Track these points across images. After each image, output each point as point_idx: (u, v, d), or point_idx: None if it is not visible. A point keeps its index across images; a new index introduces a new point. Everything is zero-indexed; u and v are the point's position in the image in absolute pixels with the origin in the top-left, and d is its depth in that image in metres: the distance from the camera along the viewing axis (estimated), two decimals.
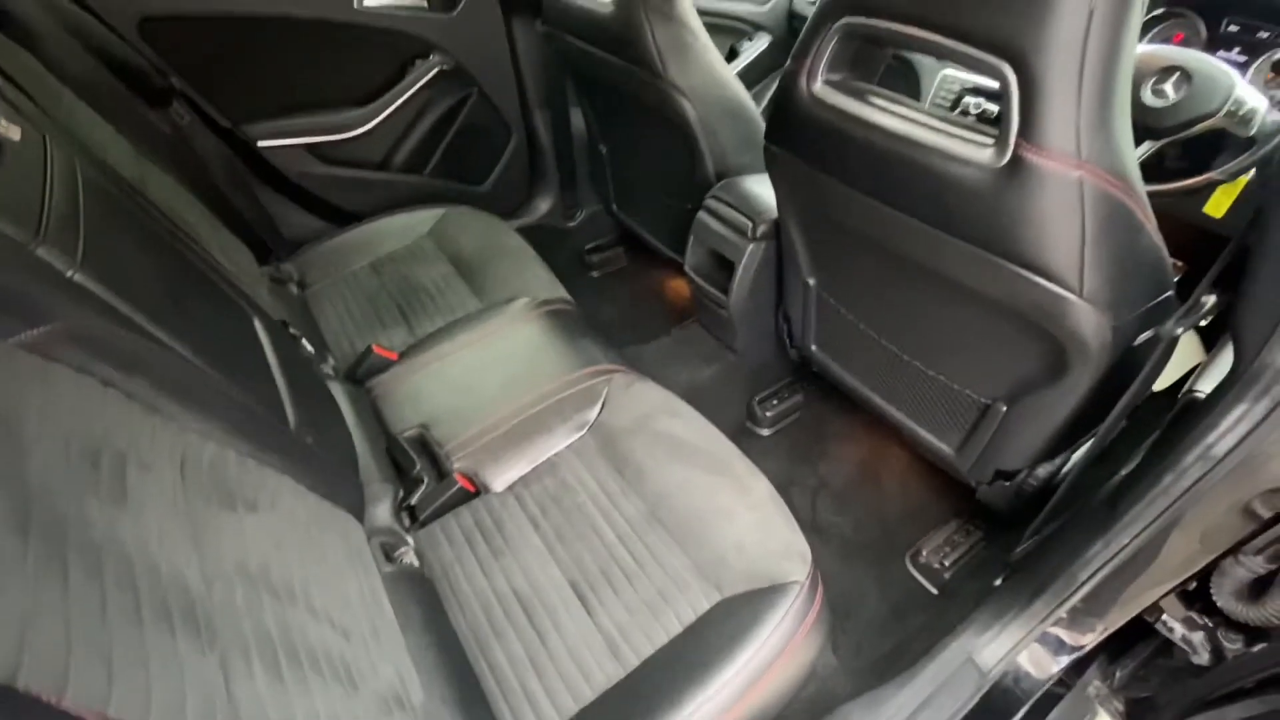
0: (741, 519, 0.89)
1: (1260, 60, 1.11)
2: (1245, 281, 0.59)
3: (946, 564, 1.22)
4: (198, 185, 1.21)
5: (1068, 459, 1.07)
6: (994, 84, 0.62)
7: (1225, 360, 0.76)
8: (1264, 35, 1.10)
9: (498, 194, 1.84)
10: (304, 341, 1.13)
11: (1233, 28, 1.13)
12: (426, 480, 1.00)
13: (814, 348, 1.30)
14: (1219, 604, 0.77)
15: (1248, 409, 0.60)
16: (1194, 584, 0.82)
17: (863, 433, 1.47)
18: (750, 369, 1.58)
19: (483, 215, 1.56)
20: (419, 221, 1.55)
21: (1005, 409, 0.96)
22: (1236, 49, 1.13)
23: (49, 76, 0.99)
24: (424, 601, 0.84)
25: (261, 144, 1.47)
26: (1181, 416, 0.76)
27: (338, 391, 1.11)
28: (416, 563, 0.91)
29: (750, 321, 1.39)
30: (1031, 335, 0.80)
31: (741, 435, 1.50)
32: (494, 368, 1.18)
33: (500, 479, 1.01)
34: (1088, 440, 1.02)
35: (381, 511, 0.96)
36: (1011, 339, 0.84)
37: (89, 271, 0.60)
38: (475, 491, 1.01)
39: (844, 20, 0.73)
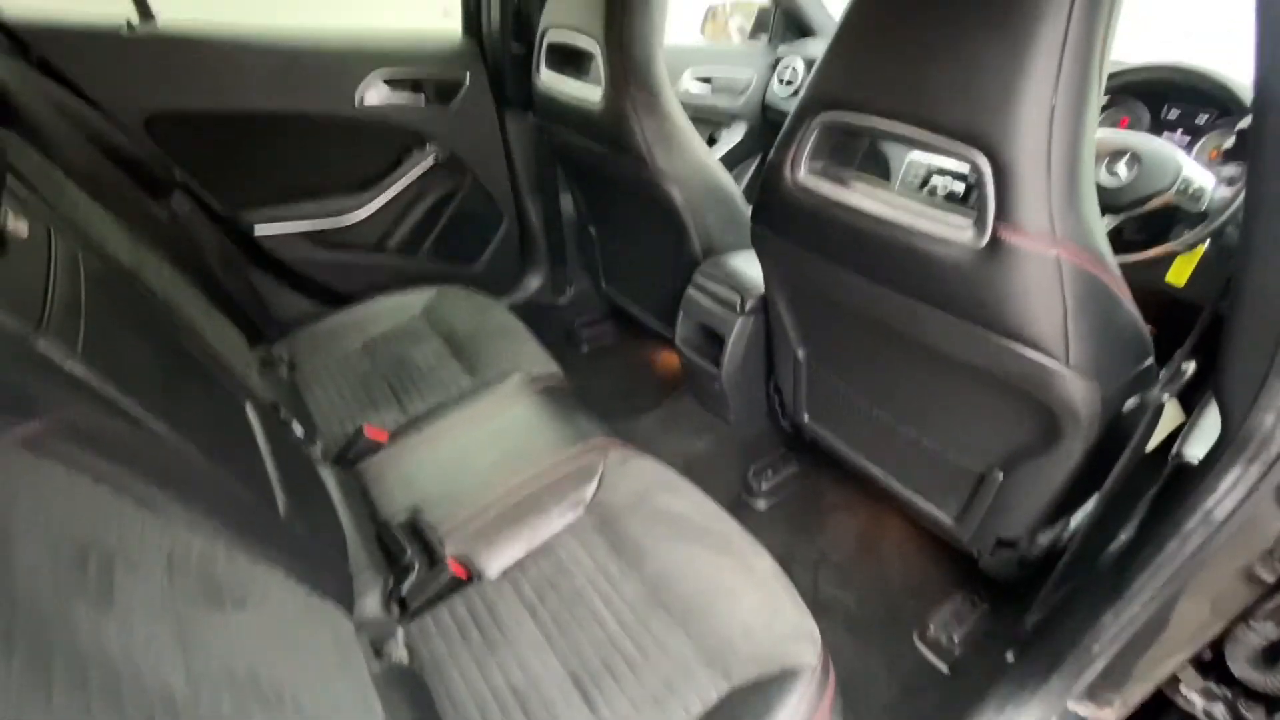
0: (747, 599, 0.86)
1: (1202, 141, 1.21)
2: (1223, 349, 0.61)
3: (955, 639, 1.18)
4: (192, 270, 1.22)
5: (1067, 524, 1.07)
6: (959, 166, 0.67)
7: (1209, 423, 0.78)
8: (1203, 119, 1.20)
9: (490, 274, 1.89)
10: (294, 424, 1.11)
11: (1173, 113, 1.24)
12: (417, 567, 0.96)
13: (806, 418, 1.31)
14: (1235, 673, 0.76)
15: (1241, 473, 0.61)
16: (1209, 653, 0.80)
17: (860, 503, 1.46)
18: (743, 440, 1.58)
19: (475, 294, 1.58)
20: (412, 302, 1.57)
21: (1002, 477, 0.97)
22: (1179, 131, 1.23)
23: (54, 169, 1.01)
24: (416, 701, 0.79)
25: (258, 230, 1.51)
26: (1175, 481, 0.77)
27: (327, 476, 1.09)
28: (407, 658, 0.87)
29: (742, 393, 1.41)
30: (1023, 403, 0.82)
31: (738, 509, 1.48)
32: (487, 446, 1.17)
33: (495, 564, 0.98)
34: (1085, 506, 1.03)
35: (371, 602, 0.92)
36: (1004, 407, 0.85)
37: (88, 361, 0.60)
38: (468, 578, 0.97)
39: (823, 115, 0.79)
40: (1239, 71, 1.12)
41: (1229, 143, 1.00)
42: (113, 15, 1.29)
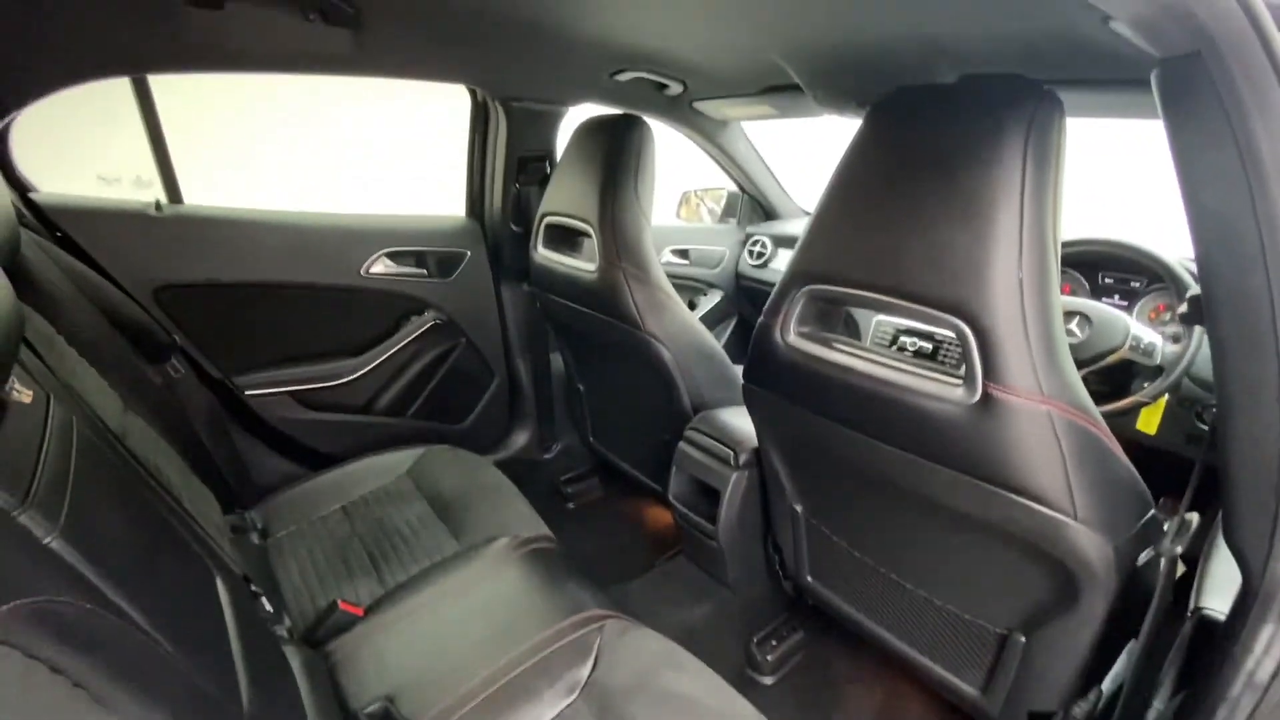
0: None
1: (1140, 304, 1.34)
2: (1226, 502, 0.63)
3: None
4: (178, 434, 1.20)
5: (1100, 694, 1.00)
6: (925, 326, 0.72)
7: (1219, 571, 0.77)
8: (1136, 285, 1.34)
9: (477, 431, 1.88)
10: (263, 600, 1.02)
11: (1108, 280, 1.38)
12: None
13: (809, 578, 1.26)
14: None
15: (1275, 629, 0.59)
16: None
17: (874, 673, 1.35)
18: (744, 605, 1.48)
19: (462, 453, 1.56)
20: (397, 462, 1.53)
21: (1024, 640, 0.91)
22: (1116, 295, 1.37)
23: (58, 336, 1.03)
24: None
25: (250, 392, 1.51)
26: (1203, 638, 0.74)
27: (294, 658, 0.98)
28: None
29: (740, 552, 1.36)
30: (1036, 559, 0.81)
31: (743, 684, 1.34)
32: (472, 620, 1.08)
33: None
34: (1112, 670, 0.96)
35: None
36: (1017, 563, 0.84)
37: (67, 537, 0.56)
38: None
39: (808, 287, 0.86)
40: (1156, 241, 1.28)
41: (1182, 308, 1.11)
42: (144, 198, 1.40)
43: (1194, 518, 0.70)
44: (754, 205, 2.32)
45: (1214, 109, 0.52)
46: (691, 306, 2.24)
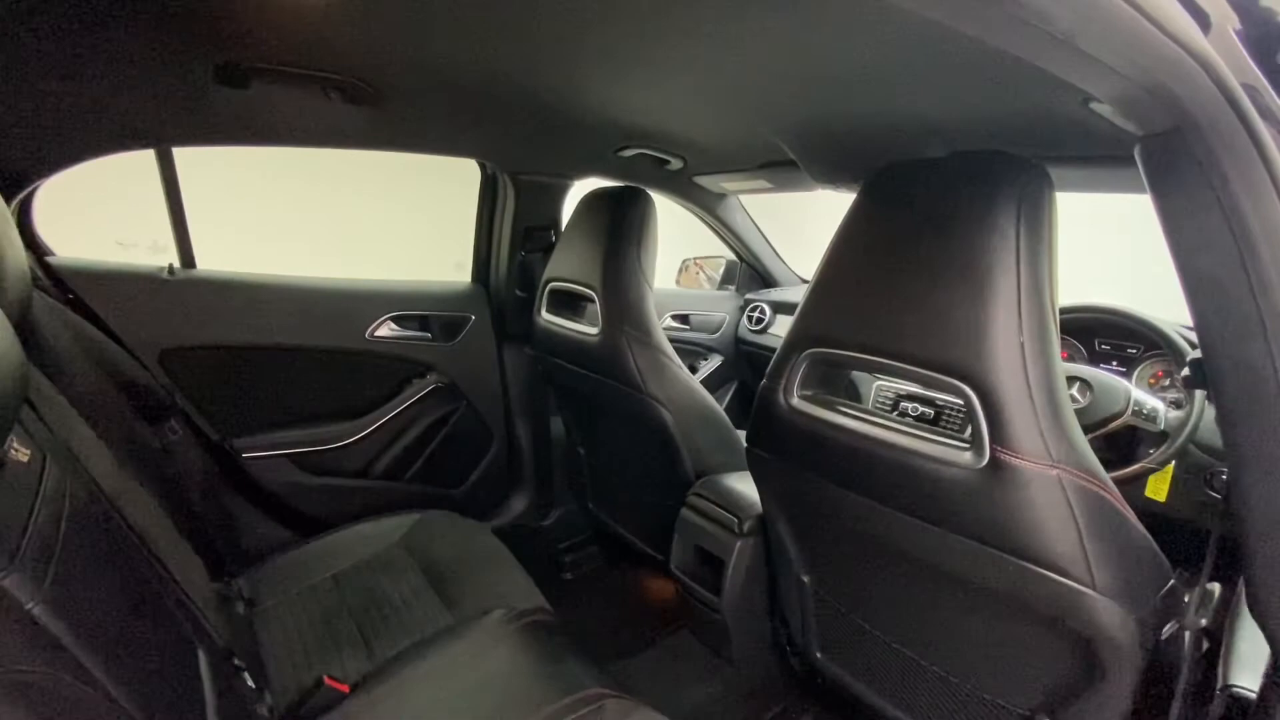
0: None
1: (1138, 370, 1.35)
2: (1249, 574, 0.61)
3: None
4: (169, 497, 1.17)
5: None
6: (925, 391, 0.72)
7: (1246, 647, 0.74)
8: (1133, 351, 1.35)
9: (474, 496, 1.85)
10: (246, 676, 0.97)
11: (1105, 346, 1.40)
12: None
13: (819, 655, 1.20)
14: None
15: None
16: None
17: None
18: (752, 684, 1.41)
19: (458, 520, 1.53)
20: (391, 529, 1.49)
21: None
22: (1114, 362, 1.38)
23: (59, 396, 1.02)
24: None
25: (246, 455, 1.49)
26: (1235, 717, 0.70)
27: None
28: None
29: (746, 625, 1.30)
30: (1057, 634, 0.77)
31: None
32: (464, 700, 1.02)
33: None
34: None
35: None
36: (1037, 639, 0.80)
37: (50, 604, 0.54)
38: None
39: (810, 350, 0.87)
40: (1151, 308, 1.31)
41: (1184, 372, 1.12)
42: (157, 263, 1.44)
43: (1215, 588, 0.67)
44: (751, 273, 2.37)
45: (1198, 180, 0.55)
46: (692, 370, 2.25)
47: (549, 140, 1.54)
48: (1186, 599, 0.74)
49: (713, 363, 2.32)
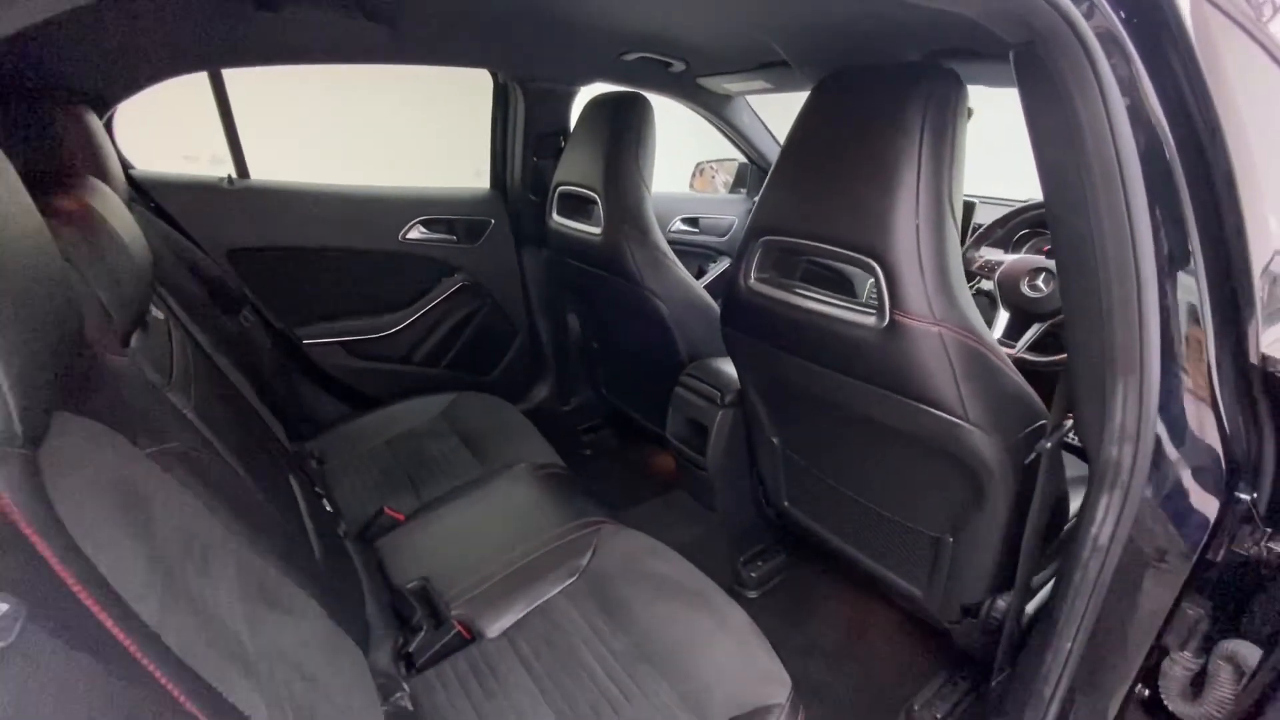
0: (722, 647, 0.95)
1: None
2: (1073, 402, 0.78)
3: (939, 718, 1.21)
4: (251, 373, 1.44)
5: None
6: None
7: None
8: None
9: (503, 382, 2.10)
10: (325, 501, 1.25)
11: None
12: (425, 628, 1.06)
13: (787, 504, 1.43)
14: (1170, 708, 0.82)
15: (1109, 500, 0.75)
16: (1148, 692, 0.87)
17: (847, 592, 1.53)
18: (733, 531, 1.67)
19: (490, 398, 1.78)
20: (433, 405, 1.76)
21: (952, 540, 1.08)
22: None
23: (159, 286, 1.27)
24: None
25: (306, 341, 1.75)
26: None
27: (349, 549, 1.21)
28: (411, 708, 0.94)
29: (728, 482, 1.54)
30: (950, 466, 0.97)
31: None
32: (493, 525, 1.29)
33: (495, 625, 1.07)
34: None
35: (382, 657, 1.01)
36: (936, 470, 1.00)
37: (197, 414, 0.78)
38: (471, 638, 1.06)
39: (763, 239, 1.03)
40: None
41: None
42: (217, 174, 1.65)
43: (1069, 421, 0.85)
44: (762, 176, 2.44)
45: (1047, 84, 0.67)
46: (701, 272, 2.40)
47: (554, 48, 1.64)
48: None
49: (720, 264, 2.44)
